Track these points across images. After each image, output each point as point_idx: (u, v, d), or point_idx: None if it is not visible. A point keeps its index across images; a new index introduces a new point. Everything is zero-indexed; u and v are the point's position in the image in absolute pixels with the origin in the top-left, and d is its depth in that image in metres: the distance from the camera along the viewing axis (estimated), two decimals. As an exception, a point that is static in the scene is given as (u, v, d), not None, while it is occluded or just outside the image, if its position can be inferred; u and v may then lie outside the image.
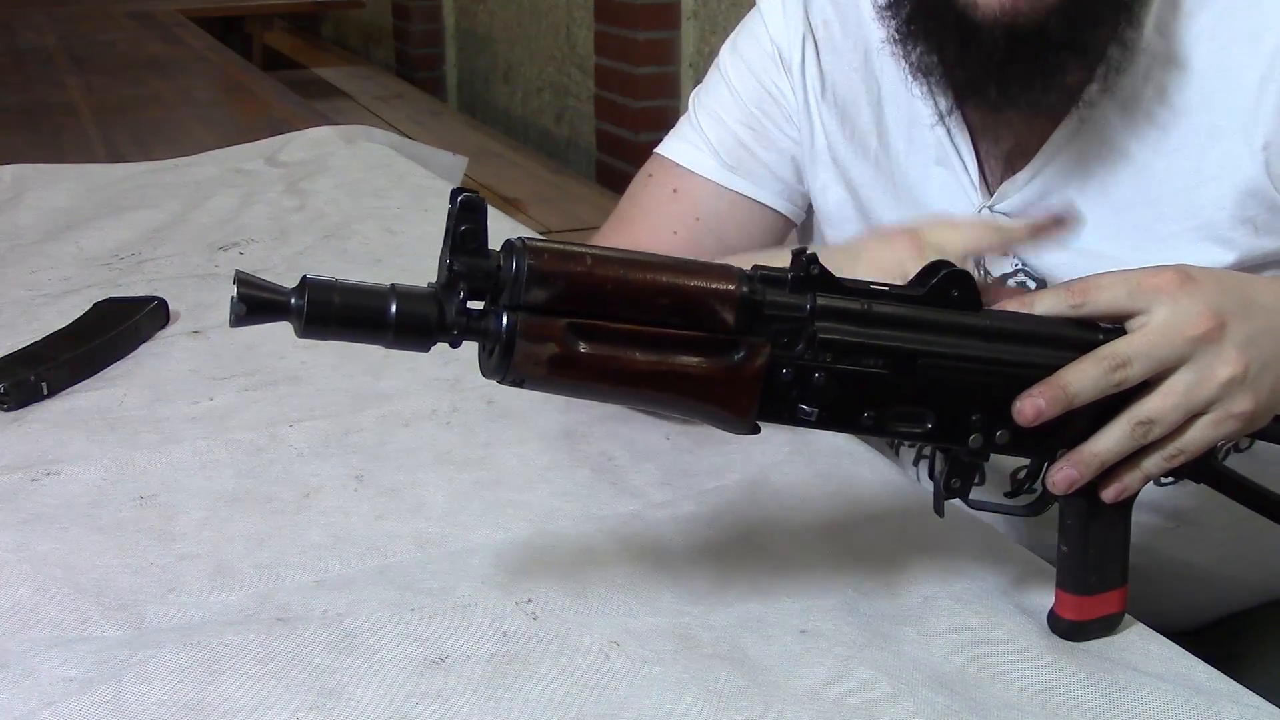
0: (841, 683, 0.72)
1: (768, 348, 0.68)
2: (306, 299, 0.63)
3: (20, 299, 1.33)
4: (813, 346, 0.69)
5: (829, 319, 0.69)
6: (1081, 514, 0.75)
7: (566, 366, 0.65)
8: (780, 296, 0.68)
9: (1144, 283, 0.71)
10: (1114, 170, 0.92)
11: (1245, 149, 0.87)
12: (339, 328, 0.64)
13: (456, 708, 0.70)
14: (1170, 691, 0.71)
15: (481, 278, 0.64)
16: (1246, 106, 0.87)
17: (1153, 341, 0.70)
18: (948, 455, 0.74)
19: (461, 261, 0.64)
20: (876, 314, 0.70)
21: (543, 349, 0.64)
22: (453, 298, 0.64)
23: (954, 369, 0.71)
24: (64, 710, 0.69)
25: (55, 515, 0.90)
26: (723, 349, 0.67)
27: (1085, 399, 0.71)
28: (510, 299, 0.64)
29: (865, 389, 0.70)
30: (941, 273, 0.71)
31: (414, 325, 0.64)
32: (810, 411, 0.70)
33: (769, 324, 0.68)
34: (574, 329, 0.65)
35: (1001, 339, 0.72)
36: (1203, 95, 0.89)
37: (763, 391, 0.69)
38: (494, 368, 0.66)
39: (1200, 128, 0.89)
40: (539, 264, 0.64)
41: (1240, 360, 0.71)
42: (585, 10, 4.04)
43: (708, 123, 1.08)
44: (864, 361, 0.70)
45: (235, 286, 0.62)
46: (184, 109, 2.51)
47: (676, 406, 0.69)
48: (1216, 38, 0.88)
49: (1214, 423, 0.72)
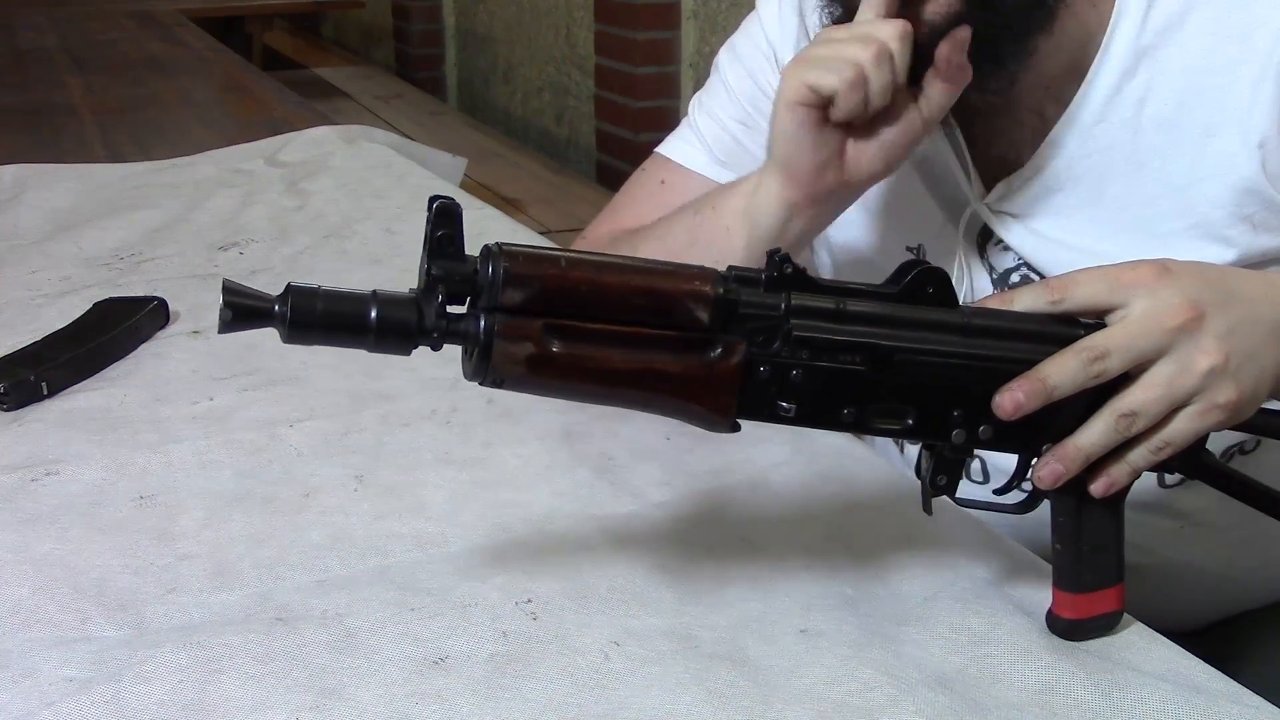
0: (841, 682, 0.72)
1: (743, 345, 0.69)
2: (290, 305, 0.65)
3: (20, 299, 1.33)
4: (789, 344, 0.70)
5: (804, 316, 0.70)
6: (1073, 511, 0.75)
7: (544, 366, 0.67)
8: (755, 296, 0.69)
9: (1121, 277, 0.72)
10: (1108, 170, 0.92)
11: (1241, 147, 0.87)
12: (322, 333, 0.66)
13: (456, 708, 0.70)
14: (1170, 691, 0.71)
15: (459, 281, 0.66)
16: (1242, 104, 0.87)
17: (1131, 333, 0.70)
18: (933, 452, 0.75)
19: (439, 266, 0.65)
20: (851, 312, 0.71)
21: (520, 349, 0.66)
22: (432, 301, 0.66)
23: (932, 364, 0.71)
24: (64, 710, 0.69)
25: (55, 515, 0.90)
26: (699, 347, 0.68)
27: (1064, 391, 0.71)
28: (488, 301, 0.66)
29: (843, 386, 0.71)
30: (915, 270, 0.72)
31: (394, 329, 0.66)
32: (789, 408, 0.71)
33: (744, 322, 0.69)
34: (551, 330, 0.66)
35: (979, 335, 0.72)
36: (1197, 93, 0.89)
37: (741, 389, 0.70)
38: (474, 369, 0.68)
39: (1196, 125, 0.89)
40: (514, 267, 0.65)
41: (1220, 350, 0.71)
42: (585, 10, 4.04)
43: (704, 121, 1.09)
44: (841, 358, 0.70)
45: (222, 295, 0.64)
46: (184, 109, 2.51)
47: (656, 405, 0.70)
48: (1211, 35, 0.88)
49: (1198, 414, 0.72)
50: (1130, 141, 0.91)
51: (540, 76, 4.53)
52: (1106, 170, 0.92)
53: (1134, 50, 0.90)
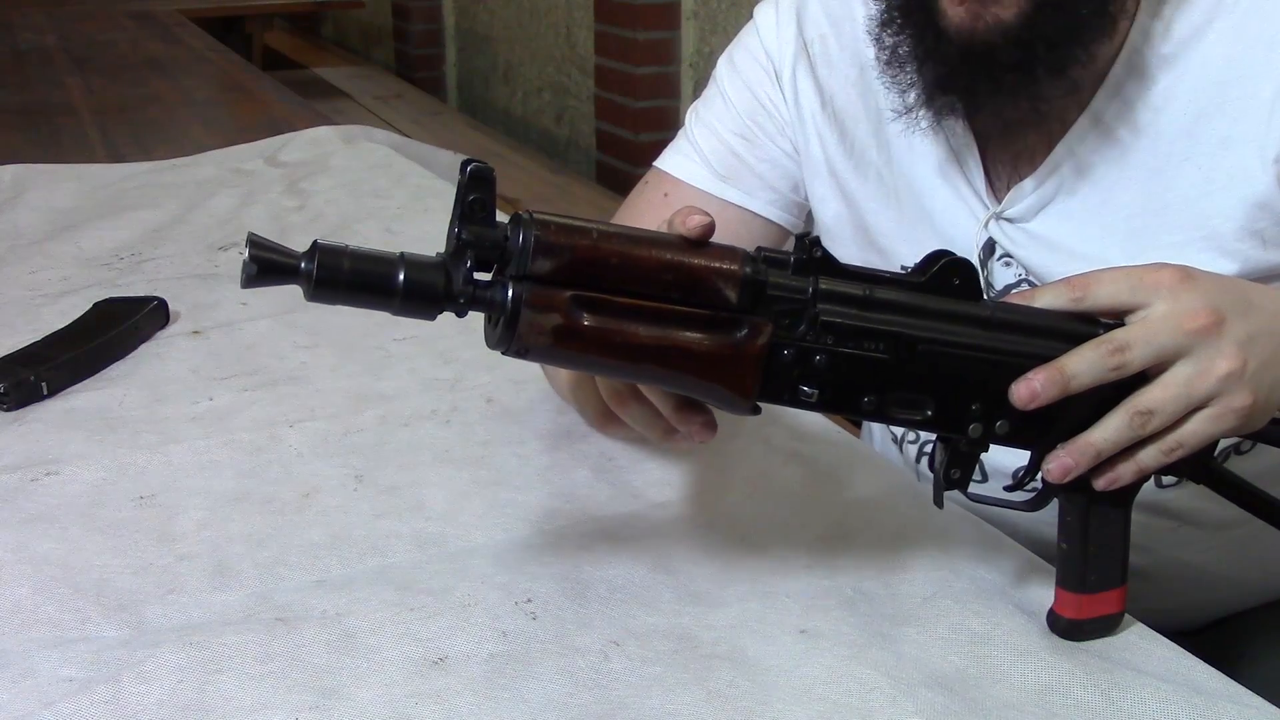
0: (841, 683, 0.72)
1: (770, 327, 0.68)
2: (316, 263, 0.64)
3: (20, 299, 1.33)
4: (814, 328, 0.69)
5: (831, 301, 0.69)
6: (1081, 510, 0.75)
7: (570, 338, 0.66)
8: (783, 278, 0.69)
9: (1145, 278, 0.72)
10: (1122, 177, 0.91)
11: (1258, 161, 0.87)
12: (347, 292, 0.65)
13: (456, 708, 0.70)
14: (1170, 691, 0.71)
15: (489, 247, 0.65)
16: (1260, 118, 0.86)
17: (1153, 330, 0.71)
18: (947, 445, 0.74)
19: (470, 230, 0.64)
20: (878, 299, 0.70)
21: (547, 319, 0.65)
22: (460, 267, 0.65)
23: (954, 356, 0.71)
24: (63, 710, 0.69)
25: (55, 515, 0.90)
26: (726, 327, 0.68)
27: (1082, 384, 0.71)
28: (516, 269, 0.65)
29: (866, 373, 0.70)
30: (943, 261, 0.72)
31: (421, 292, 0.65)
32: (811, 393, 0.70)
33: (772, 304, 0.69)
34: (578, 301, 0.65)
35: (1002, 329, 0.72)
36: (1217, 104, 0.88)
37: (764, 371, 0.69)
38: (499, 338, 0.66)
39: (1213, 136, 0.88)
40: (545, 235, 0.65)
41: (1239, 356, 0.71)
42: (585, 10, 4.03)
43: (702, 134, 1.08)
44: (865, 345, 0.70)
45: (247, 248, 0.63)
46: (184, 109, 2.51)
47: (678, 383, 0.69)
48: (1235, 43, 0.87)
49: (1213, 417, 0.72)
50: (1147, 149, 0.90)
51: (540, 76, 4.53)
52: (1120, 177, 0.91)
53: (1156, 57, 0.89)
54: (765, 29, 1.06)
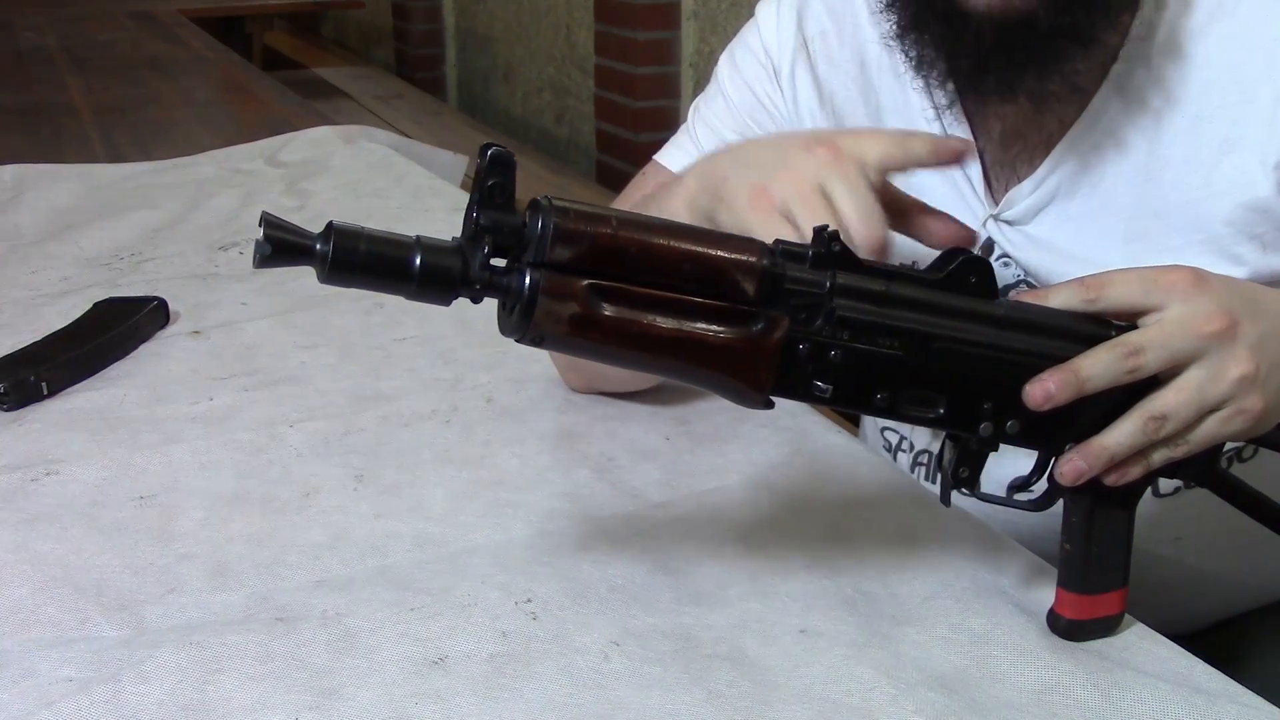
0: (841, 683, 0.72)
1: (786, 321, 0.68)
2: (332, 244, 0.63)
3: (20, 299, 1.33)
4: (831, 323, 0.69)
5: (848, 297, 0.69)
6: (1086, 511, 0.75)
7: (587, 327, 0.65)
8: (801, 272, 0.69)
9: (1159, 280, 0.72)
10: (1121, 179, 0.91)
11: (1259, 165, 0.86)
12: (362, 275, 0.64)
13: (456, 708, 0.70)
14: (1170, 691, 0.71)
15: (507, 233, 0.64)
16: (1261, 121, 0.86)
17: (1168, 333, 0.71)
18: (956, 444, 0.74)
19: (488, 216, 0.64)
20: (895, 295, 0.70)
21: (564, 308, 0.65)
22: (477, 252, 0.64)
23: (968, 354, 0.71)
24: (63, 710, 0.69)
25: (55, 515, 0.90)
26: (742, 319, 0.67)
27: (1096, 385, 0.71)
28: (534, 256, 0.64)
29: (880, 369, 0.70)
30: (960, 259, 0.71)
31: (437, 277, 0.64)
32: (825, 388, 0.70)
33: (789, 298, 0.68)
34: (596, 290, 0.65)
35: (1016, 328, 0.72)
36: (1218, 107, 0.87)
37: (779, 366, 0.69)
38: (514, 325, 0.66)
39: (1214, 140, 0.88)
40: (564, 223, 0.64)
41: (1252, 360, 0.71)
42: (585, 10, 4.03)
43: (702, 131, 1.08)
44: (880, 341, 0.70)
45: (261, 228, 0.62)
46: (184, 109, 2.51)
47: (693, 375, 0.69)
48: (1235, 48, 0.87)
49: (1223, 419, 0.72)
50: (1147, 151, 0.90)
51: (540, 76, 4.53)
52: (1119, 178, 0.91)
53: (1159, 56, 0.89)
54: (766, 26, 1.06)
